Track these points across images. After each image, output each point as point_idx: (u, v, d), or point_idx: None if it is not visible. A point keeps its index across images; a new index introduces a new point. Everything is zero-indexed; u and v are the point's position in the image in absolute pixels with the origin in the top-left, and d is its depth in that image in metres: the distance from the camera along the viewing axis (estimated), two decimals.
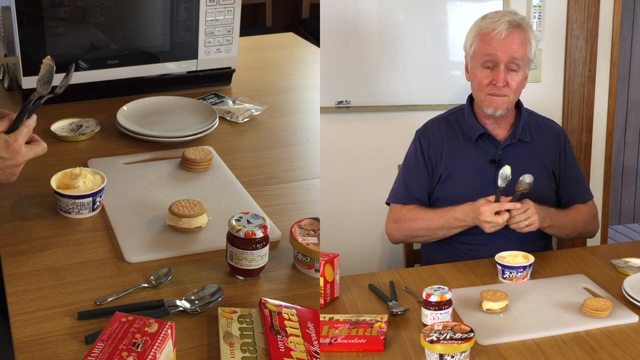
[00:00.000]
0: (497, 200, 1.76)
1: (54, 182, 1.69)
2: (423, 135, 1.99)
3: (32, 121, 1.58)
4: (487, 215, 1.75)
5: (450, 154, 1.94)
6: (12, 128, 1.56)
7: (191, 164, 1.89)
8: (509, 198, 1.76)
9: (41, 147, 1.61)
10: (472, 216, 1.79)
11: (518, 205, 1.75)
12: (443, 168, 1.93)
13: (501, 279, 1.70)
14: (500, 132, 1.93)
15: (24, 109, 1.56)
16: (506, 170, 1.73)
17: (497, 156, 1.91)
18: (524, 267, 1.68)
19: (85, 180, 1.70)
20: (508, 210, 1.75)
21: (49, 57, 1.60)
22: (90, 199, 1.67)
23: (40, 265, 1.51)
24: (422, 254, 2.09)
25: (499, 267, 1.70)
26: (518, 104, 1.95)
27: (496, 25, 1.83)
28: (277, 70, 2.66)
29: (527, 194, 1.77)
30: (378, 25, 2.55)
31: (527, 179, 1.73)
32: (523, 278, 1.69)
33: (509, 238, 1.83)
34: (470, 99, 1.95)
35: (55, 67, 1.60)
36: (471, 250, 1.87)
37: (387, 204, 1.99)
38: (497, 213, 1.75)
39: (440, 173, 1.93)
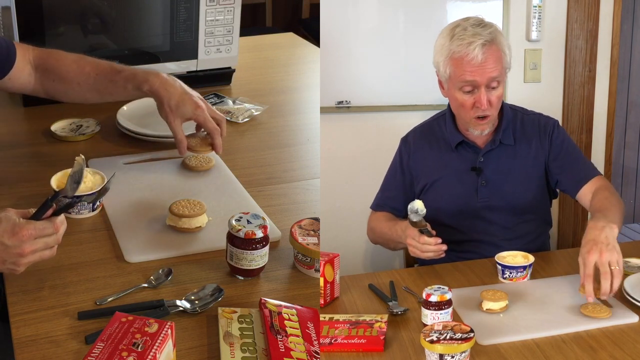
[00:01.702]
0: (422, 232, 1.71)
1: (54, 182, 1.69)
2: (405, 144, 1.98)
3: (60, 223, 1.42)
4: (409, 239, 1.73)
5: (432, 163, 1.92)
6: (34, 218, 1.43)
7: (191, 168, 1.89)
8: (434, 232, 1.71)
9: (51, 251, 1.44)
10: (404, 236, 1.77)
11: (435, 240, 1.70)
12: (426, 177, 1.92)
13: (501, 279, 1.70)
14: (481, 137, 1.88)
15: (46, 202, 1.43)
16: (415, 204, 1.65)
17: (477, 163, 1.88)
18: (524, 267, 1.68)
19: (85, 180, 1.70)
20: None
21: (82, 155, 1.52)
22: (91, 199, 1.67)
23: (40, 265, 1.51)
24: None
25: (499, 267, 1.70)
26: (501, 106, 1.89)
27: (469, 49, 1.74)
28: (277, 70, 2.66)
29: (516, 203, 1.77)
30: (378, 25, 2.56)
31: (413, 217, 1.66)
32: (523, 278, 1.69)
33: (499, 246, 1.81)
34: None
35: (84, 168, 1.52)
36: (460, 259, 1.86)
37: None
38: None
39: (423, 182, 1.92)
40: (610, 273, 1.50)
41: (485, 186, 1.87)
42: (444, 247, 1.70)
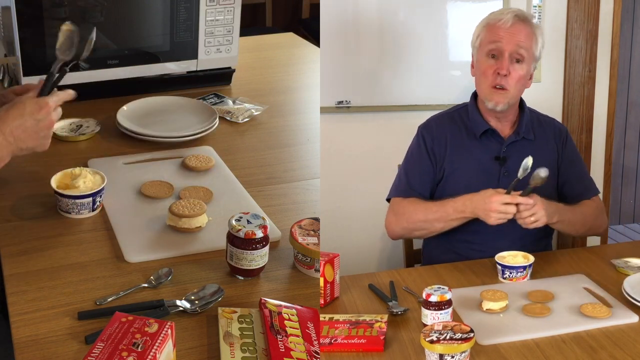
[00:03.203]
0: (508, 192, 1.74)
1: (54, 182, 1.69)
2: (427, 130, 1.98)
3: (64, 94, 1.62)
4: (496, 204, 1.73)
5: (453, 151, 1.94)
6: (40, 95, 1.62)
7: (191, 168, 1.89)
8: (519, 192, 1.74)
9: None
10: (474, 206, 1.77)
11: (530, 200, 1.73)
12: (448, 164, 1.93)
13: (501, 279, 1.70)
14: (504, 129, 1.94)
15: (49, 77, 1.60)
16: (529, 161, 1.70)
17: (501, 153, 1.91)
18: (524, 267, 1.68)
19: (85, 180, 1.70)
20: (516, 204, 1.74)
21: (68, 22, 1.61)
22: (90, 199, 1.67)
23: (40, 265, 1.51)
24: (422, 254, 2.09)
25: (499, 267, 1.70)
26: (521, 103, 1.96)
27: (502, 15, 1.86)
28: (277, 70, 2.66)
29: (537, 189, 1.77)
30: (378, 25, 2.55)
31: (542, 172, 1.70)
32: (523, 278, 1.69)
33: (510, 238, 1.83)
34: (475, 96, 1.95)
35: (76, 32, 1.62)
36: (472, 250, 1.88)
37: (388, 200, 1.98)
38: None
39: (443, 169, 1.93)
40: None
41: (507, 177, 1.89)
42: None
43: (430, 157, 1.95)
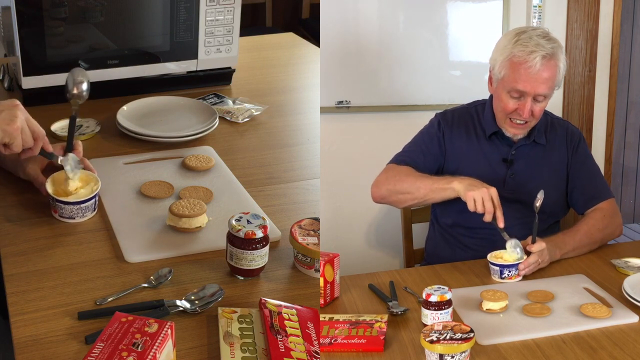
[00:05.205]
0: (533, 240, 1.73)
1: (50, 188, 1.67)
2: (444, 119, 1.98)
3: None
4: (487, 193, 1.71)
5: (464, 147, 1.94)
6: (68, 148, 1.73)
7: (191, 168, 1.89)
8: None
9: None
10: (466, 182, 1.75)
11: (543, 244, 1.73)
12: (457, 161, 1.93)
13: (500, 280, 1.70)
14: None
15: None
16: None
17: (509, 155, 1.91)
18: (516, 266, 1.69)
19: (74, 182, 1.69)
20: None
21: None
22: (93, 200, 1.67)
23: (40, 265, 1.51)
24: (425, 249, 2.09)
25: (497, 268, 1.69)
26: None
27: (529, 58, 1.77)
28: (277, 70, 2.66)
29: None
30: (378, 25, 2.56)
31: (540, 197, 1.73)
32: (518, 276, 1.69)
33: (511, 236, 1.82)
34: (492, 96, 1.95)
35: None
36: (476, 245, 1.87)
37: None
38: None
39: (453, 165, 1.93)
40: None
41: (513, 178, 1.91)
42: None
43: (440, 143, 1.95)
